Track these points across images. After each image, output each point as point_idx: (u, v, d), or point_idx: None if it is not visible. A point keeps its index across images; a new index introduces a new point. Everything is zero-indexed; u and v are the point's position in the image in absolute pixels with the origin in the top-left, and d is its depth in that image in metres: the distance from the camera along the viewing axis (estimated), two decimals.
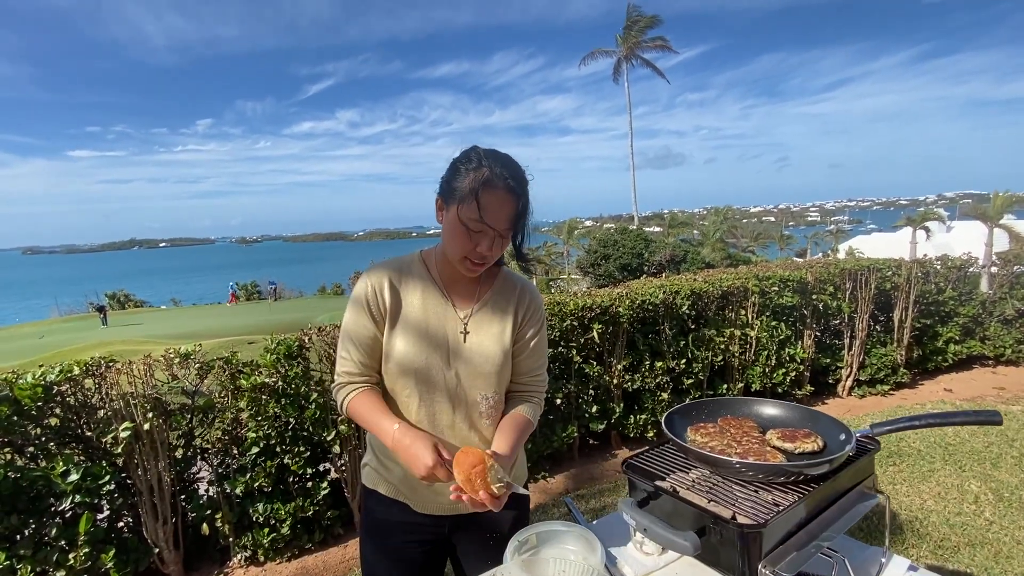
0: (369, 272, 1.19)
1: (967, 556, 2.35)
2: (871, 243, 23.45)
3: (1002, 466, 3.16)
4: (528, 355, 1.25)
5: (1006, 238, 17.04)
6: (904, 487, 3.00)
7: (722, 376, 4.47)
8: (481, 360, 1.18)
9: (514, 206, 1.08)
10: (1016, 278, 5.45)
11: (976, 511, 2.71)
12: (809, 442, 0.99)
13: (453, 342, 1.18)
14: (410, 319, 1.17)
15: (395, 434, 1.09)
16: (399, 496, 1.25)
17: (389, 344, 1.17)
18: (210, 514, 2.76)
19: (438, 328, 1.18)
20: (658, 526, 0.84)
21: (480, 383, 1.19)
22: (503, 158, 1.09)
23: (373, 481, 1.28)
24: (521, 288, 1.26)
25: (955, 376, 5.16)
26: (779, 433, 1.04)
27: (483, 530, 1.27)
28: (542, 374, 1.29)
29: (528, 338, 1.24)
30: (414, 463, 1.04)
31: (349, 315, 1.19)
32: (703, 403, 1.20)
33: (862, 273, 4.79)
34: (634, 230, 23.78)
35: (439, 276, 1.21)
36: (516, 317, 1.23)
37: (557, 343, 3.75)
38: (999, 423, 0.93)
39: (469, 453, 0.99)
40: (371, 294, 1.16)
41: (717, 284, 4.38)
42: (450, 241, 1.11)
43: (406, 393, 1.17)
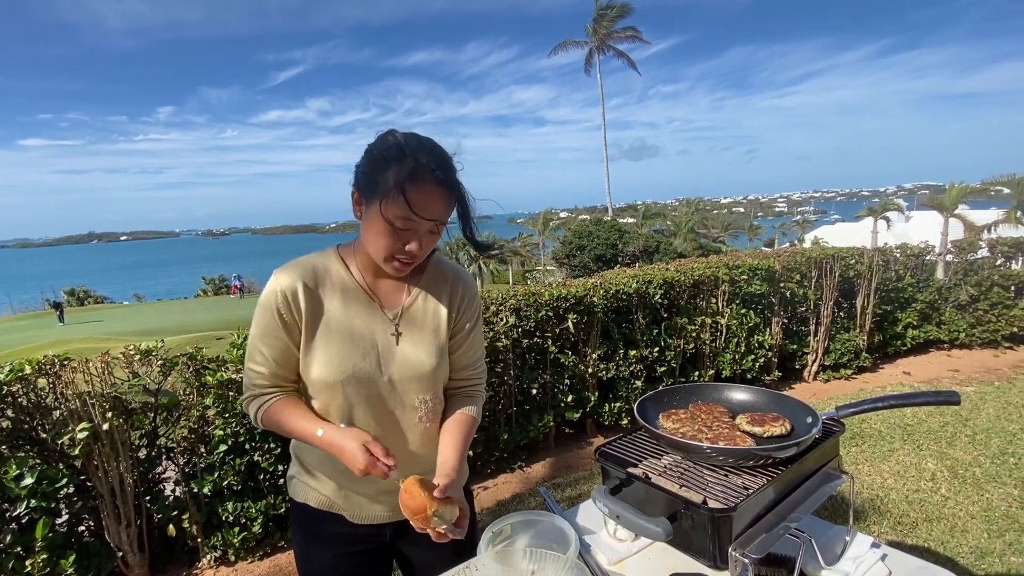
0: (278, 275, 1.05)
1: (925, 531, 2.47)
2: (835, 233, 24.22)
3: (957, 444, 3.32)
4: (466, 349, 1.18)
5: (961, 227, 17.81)
6: (866, 467, 3.12)
7: (694, 363, 4.56)
8: (417, 362, 1.09)
9: (445, 198, 0.99)
10: (969, 265, 5.70)
11: (933, 488, 2.84)
12: (777, 426, 1.01)
13: (384, 346, 1.08)
14: (332, 326, 1.05)
15: (322, 440, 1.01)
16: (332, 508, 1.16)
17: (309, 356, 1.05)
18: (177, 515, 2.68)
19: (365, 333, 1.07)
20: (630, 513, 0.84)
21: (417, 386, 1.10)
22: (428, 145, 0.99)
23: (302, 494, 1.18)
24: (454, 277, 1.18)
25: (913, 360, 5.39)
26: (748, 417, 1.06)
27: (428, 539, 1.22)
28: (481, 366, 1.23)
29: (466, 331, 1.17)
30: (350, 466, 0.98)
31: (258, 325, 1.05)
32: (675, 390, 1.21)
33: (827, 261, 4.93)
34: (608, 221, 23.98)
35: (361, 275, 1.10)
36: (452, 310, 1.15)
37: (532, 333, 3.75)
38: (957, 403, 0.96)
39: (411, 496, 0.92)
40: (282, 301, 1.03)
41: (689, 273, 4.45)
42: (374, 240, 1.01)
43: (335, 406, 1.07)
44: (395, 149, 0.96)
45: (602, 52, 30.29)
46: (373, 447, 0.97)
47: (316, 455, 1.13)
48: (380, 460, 0.96)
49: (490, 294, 3.66)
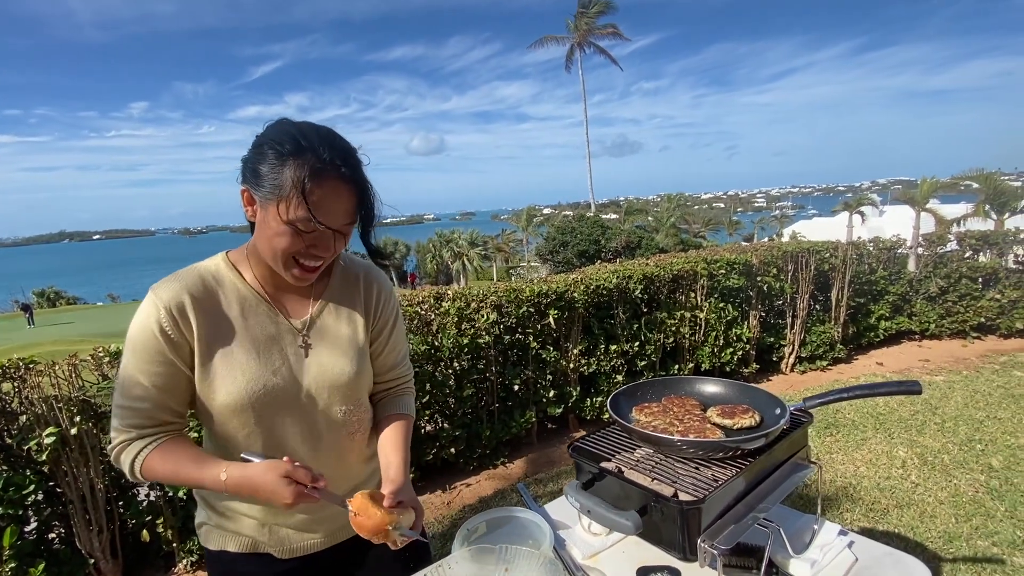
0: (157, 290, 0.90)
1: (895, 517, 2.53)
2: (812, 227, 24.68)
3: (926, 432, 3.42)
4: (390, 350, 1.11)
5: (932, 221, 18.29)
6: (840, 455, 3.19)
7: (673, 357, 4.61)
8: (334, 373, 1.00)
9: (352, 197, 0.88)
10: (939, 258, 5.86)
11: (903, 475, 2.92)
12: (747, 417, 1.02)
13: (294, 360, 0.98)
14: (233, 341, 0.93)
15: (228, 484, 0.86)
16: (257, 548, 1.04)
17: (208, 379, 0.92)
18: (151, 520, 2.63)
19: (272, 347, 0.96)
20: (601, 507, 0.85)
21: (338, 398, 1.01)
22: (327, 136, 0.87)
23: (217, 541, 1.05)
24: (365, 276, 1.08)
25: (886, 351, 5.52)
26: (719, 410, 1.07)
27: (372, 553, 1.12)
28: (407, 364, 1.17)
29: (387, 332, 1.10)
30: (272, 502, 0.85)
31: (134, 352, 0.89)
32: (648, 383, 1.22)
33: (803, 255, 5.02)
34: (591, 217, 24.10)
35: (259, 282, 0.98)
36: (368, 313, 1.06)
37: (514, 330, 3.75)
38: (919, 392, 0.98)
39: (367, 516, 0.87)
40: (167, 320, 0.88)
41: (668, 268, 4.49)
42: (270, 244, 0.89)
43: (244, 433, 0.95)
44: (291, 142, 0.85)
45: (583, 48, 30.36)
46: (295, 474, 0.84)
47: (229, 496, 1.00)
48: (308, 486, 0.84)
49: (471, 291, 3.65)
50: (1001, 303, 5.55)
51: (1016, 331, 5.56)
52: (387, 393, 1.15)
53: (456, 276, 31.67)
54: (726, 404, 1.11)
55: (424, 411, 3.37)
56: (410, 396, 1.18)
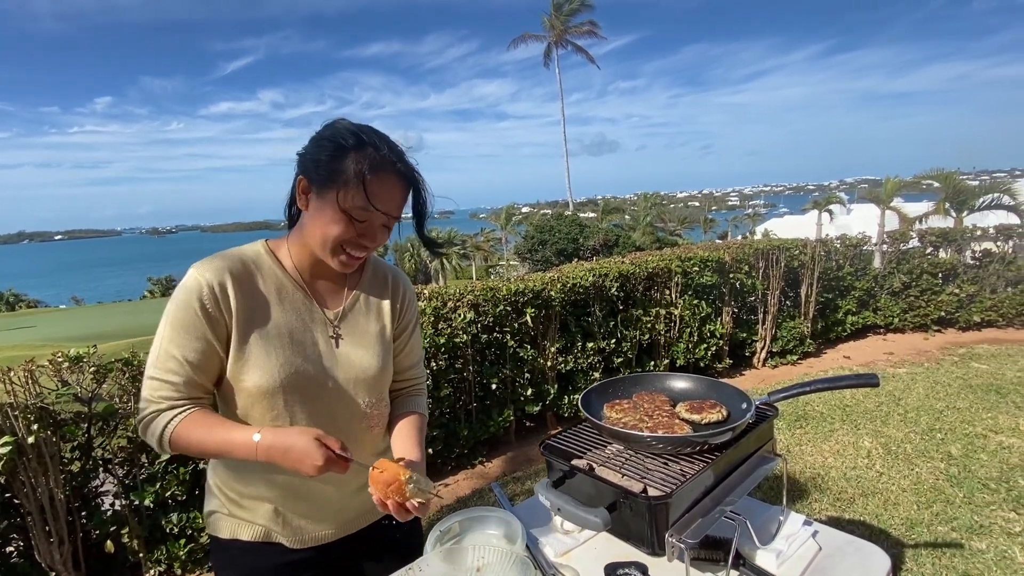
0: (201, 268, 0.94)
1: (861, 506, 2.61)
2: (784, 225, 25.28)
3: (890, 423, 3.54)
4: (410, 350, 1.17)
5: (896, 218, 18.90)
6: (808, 447, 3.28)
7: (649, 354, 4.67)
8: (361, 365, 1.04)
9: (404, 191, 0.96)
10: (902, 255, 6.07)
11: (868, 464, 3.01)
12: (714, 412, 1.04)
13: (325, 349, 1.02)
14: (269, 325, 0.97)
15: (260, 445, 0.89)
16: (270, 537, 1.05)
17: (242, 360, 0.95)
18: (116, 529, 2.54)
19: (304, 334, 1.00)
20: (571, 505, 0.85)
21: (363, 390, 1.05)
22: (386, 138, 0.95)
23: (228, 530, 1.05)
24: (394, 278, 1.14)
25: (853, 344, 5.70)
26: (687, 405, 1.08)
27: (380, 544, 1.16)
28: (422, 365, 1.22)
29: (408, 333, 1.15)
30: (302, 466, 0.87)
31: (173, 326, 0.92)
32: (619, 380, 1.23)
33: (773, 253, 5.14)
34: (569, 216, 24.23)
35: (298, 271, 1.02)
36: (394, 311, 1.11)
37: (492, 328, 3.75)
38: (876, 385, 1.02)
39: (384, 470, 0.89)
40: (208, 297, 0.91)
41: (643, 266, 4.54)
42: (322, 230, 0.93)
43: (272, 415, 0.97)
44: (353, 137, 0.91)
45: (560, 47, 30.47)
46: (327, 440, 0.88)
47: (246, 481, 1.03)
48: (337, 452, 0.87)
49: (447, 290, 3.63)
50: (960, 297, 5.78)
51: (974, 324, 5.80)
52: (402, 392, 1.19)
53: (435, 275, 31.49)
54: (695, 400, 1.12)
55: None
56: (423, 397, 1.22)
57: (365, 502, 1.11)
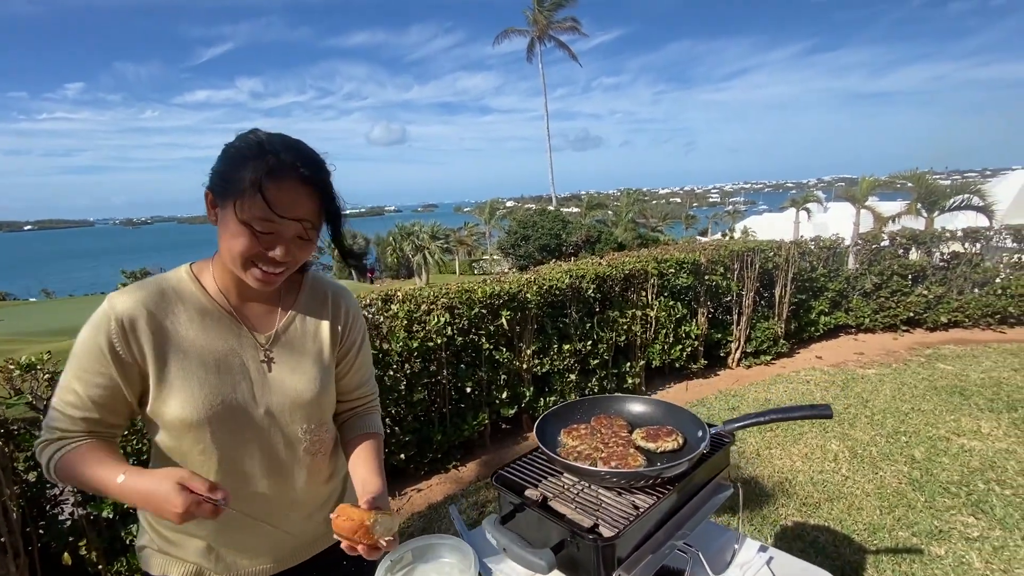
0: (115, 300, 0.89)
1: (826, 511, 2.66)
2: (763, 223, 25.64)
3: (857, 425, 3.61)
4: (358, 368, 1.12)
5: (871, 217, 19.30)
6: (778, 451, 3.33)
7: (625, 355, 4.69)
8: (297, 390, 0.99)
9: (311, 197, 0.88)
10: (874, 255, 6.19)
11: (835, 468, 3.07)
12: (670, 440, 1.03)
13: (256, 375, 0.96)
14: (191, 355, 0.91)
15: (124, 488, 0.83)
16: (202, 574, 1.01)
17: (163, 393, 0.90)
18: (73, 541, 2.46)
19: (233, 361, 0.95)
20: (516, 545, 0.83)
21: (299, 416, 1.00)
22: (292, 143, 0.90)
23: (158, 567, 1.01)
24: (335, 296, 1.08)
25: (825, 344, 5.80)
26: (644, 433, 1.07)
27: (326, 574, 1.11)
28: (373, 382, 1.18)
29: (354, 352, 1.10)
30: (163, 513, 0.80)
31: (78, 357, 0.88)
32: (578, 403, 1.21)
33: (748, 254, 5.19)
34: (552, 212, 24.25)
35: (222, 295, 0.97)
36: (335, 332, 1.06)
37: (468, 331, 3.71)
38: (829, 417, 1.01)
39: (348, 518, 0.85)
40: (117, 335, 0.87)
41: (620, 268, 4.55)
42: (229, 244, 0.88)
43: (199, 450, 0.93)
44: (255, 147, 0.86)
45: (543, 42, 30.34)
46: (191, 483, 0.80)
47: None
48: (204, 496, 0.79)
49: (421, 292, 3.59)
50: (928, 298, 5.92)
51: (941, 324, 5.95)
52: (353, 412, 1.15)
53: (417, 270, 31.26)
54: (652, 425, 1.11)
55: None
56: (377, 415, 1.18)
57: (307, 532, 1.08)
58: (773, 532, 2.51)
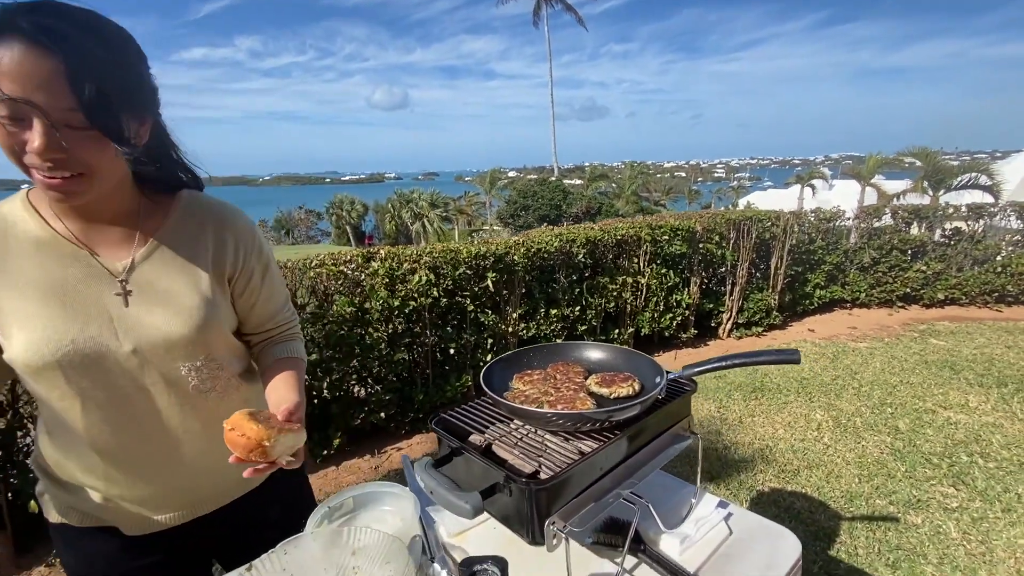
0: None
1: (804, 478, 2.63)
2: (766, 199, 25.27)
3: (844, 396, 3.56)
4: (265, 299, 1.02)
5: (876, 195, 19.00)
6: (761, 419, 3.29)
7: (614, 322, 4.62)
8: (168, 328, 0.86)
9: (43, 63, 0.66)
10: (875, 230, 6.06)
11: (817, 437, 3.03)
12: (626, 386, 0.95)
13: (115, 311, 0.84)
14: (27, 295, 0.80)
15: None
16: (102, 522, 0.93)
17: (6, 339, 0.80)
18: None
19: (83, 295, 0.82)
20: (443, 488, 0.76)
21: (178, 355, 0.88)
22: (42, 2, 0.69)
23: (57, 512, 0.94)
24: (217, 218, 0.93)
25: (818, 318, 5.74)
26: (599, 378, 0.99)
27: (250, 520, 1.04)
28: (290, 307, 1.09)
29: (258, 281, 0.99)
30: None
31: None
32: (536, 350, 1.13)
33: (745, 223, 5.07)
34: (553, 182, 23.90)
35: (63, 222, 0.84)
36: (221, 259, 0.93)
37: (453, 293, 3.63)
38: (797, 362, 0.93)
39: (240, 433, 0.76)
40: None
41: (612, 233, 4.44)
42: None
43: (57, 396, 0.82)
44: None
45: (551, 3, 29.35)
46: None
47: (65, 463, 0.90)
48: None
49: (404, 251, 3.49)
50: (926, 274, 5.83)
51: (937, 301, 5.87)
52: (269, 341, 1.07)
53: (416, 238, 31.03)
54: (609, 371, 1.03)
55: (352, 375, 3.25)
56: (298, 341, 1.10)
57: (219, 478, 1.00)
58: (749, 497, 2.48)
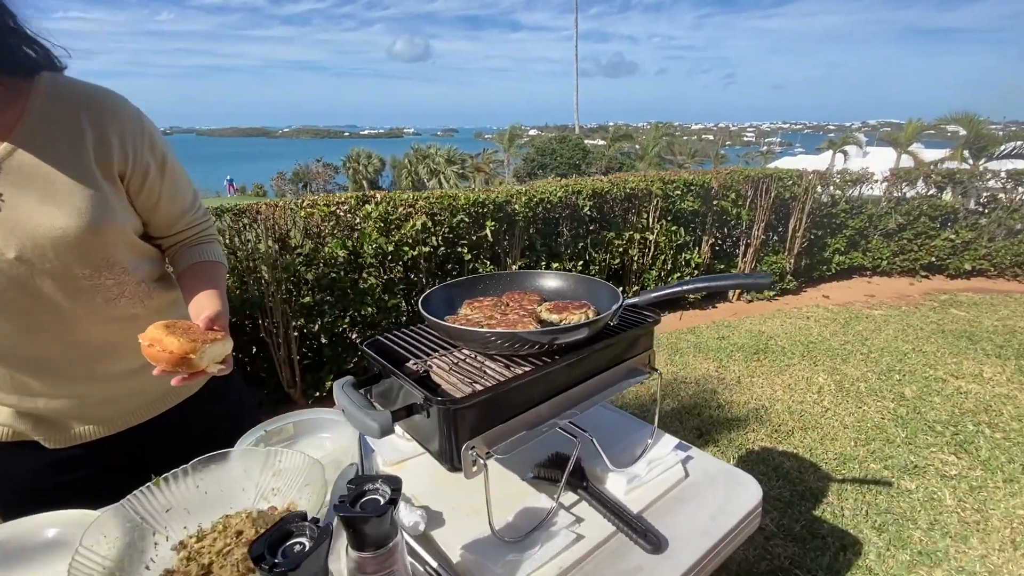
0: None
1: (798, 439, 2.55)
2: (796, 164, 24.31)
3: (850, 361, 3.44)
4: (169, 198, 0.92)
5: (912, 163, 18.11)
6: (760, 379, 3.19)
7: (619, 279, 4.51)
8: (52, 228, 0.77)
9: None
10: (903, 197, 5.73)
11: (817, 400, 2.94)
12: (578, 313, 0.86)
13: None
14: None
15: None
16: (22, 436, 0.89)
17: None
18: None
19: None
20: (353, 406, 0.69)
21: (71, 260, 0.80)
22: None
23: None
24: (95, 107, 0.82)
25: (835, 284, 5.53)
26: (551, 305, 0.91)
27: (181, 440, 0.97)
28: (200, 206, 1.00)
29: (155, 176, 0.88)
30: None
31: None
32: (491, 277, 1.05)
33: (764, 181, 4.83)
34: (573, 139, 23.25)
35: None
36: (105, 152, 0.82)
37: (453, 243, 3.55)
38: (767, 287, 0.83)
39: (161, 349, 0.71)
40: None
41: (621, 186, 4.27)
42: None
43: None
44: None
45: None
46: None
47: None
48: None
49: (400, 195, 3.39)
50: (954, 243, 5.54)
51: (963, 272, 5.60)
52: (181, 244, 0.99)
53: None
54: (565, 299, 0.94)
55: (345, 319, 3.22)
56: (215, 244, 1.03)
57: (148, 390, 0.95)
58: (737, 455, 2.42)
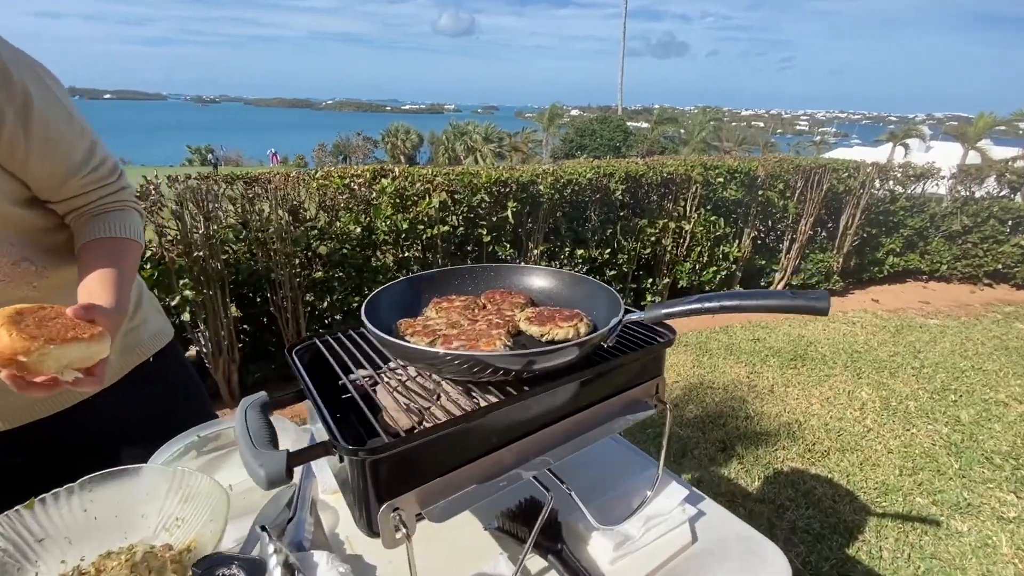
0: None
1: (834, 461, 2.29)
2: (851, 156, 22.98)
3: (899, 376, 3.11)
4: (46, 152, 0.71)
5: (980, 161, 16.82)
6: (796, 390, 2.92)
7: (648, 270, 4.25)
8: None
9: None
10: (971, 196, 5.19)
11: (859, 418, 2.65)
12: (566, 327, 0.67)
13: None
14: None
15: None
16: None
17: None
18: None
19: None
20: (244, 441, 0.52)
21: None
22: None
23: None
24: None
25: (886, 288, 5.10)
26: (534, 313, 0.72)
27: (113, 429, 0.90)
28: (100, 162, 0.78)
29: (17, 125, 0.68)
30: None
31: None
32: (471, 271, 0.86)
33: (817, 171, 4.44)
34: (614, 120, 22.54)
35: None
36: None
37: (473, 222, 3.37)
38: (822, 313, 0.62)
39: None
40: None
41: (658, 170, 3.97)
42: None
43: None
44: None
45: None
46: None
47: None
48: None
49: (418, 170, 3.22)
50: None
51: None
52: (80, 213, 0.79)
53: None
54: (556, 306, 0.75)
55: (356, 297, 3.10)
56: (126, 213, 0.82)
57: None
58: (763, 475, 2.19)
